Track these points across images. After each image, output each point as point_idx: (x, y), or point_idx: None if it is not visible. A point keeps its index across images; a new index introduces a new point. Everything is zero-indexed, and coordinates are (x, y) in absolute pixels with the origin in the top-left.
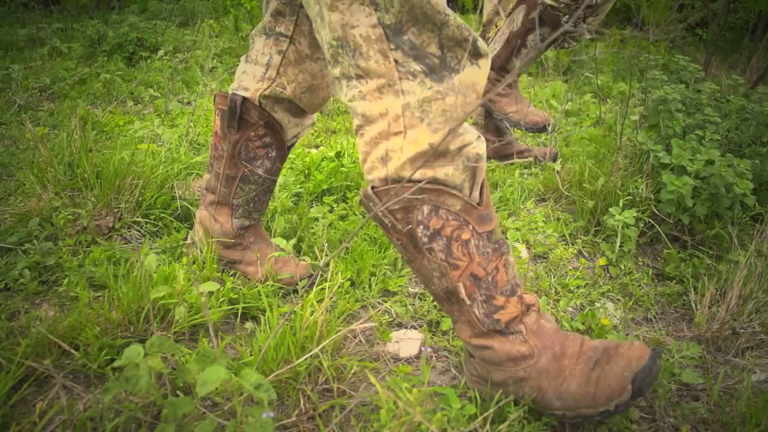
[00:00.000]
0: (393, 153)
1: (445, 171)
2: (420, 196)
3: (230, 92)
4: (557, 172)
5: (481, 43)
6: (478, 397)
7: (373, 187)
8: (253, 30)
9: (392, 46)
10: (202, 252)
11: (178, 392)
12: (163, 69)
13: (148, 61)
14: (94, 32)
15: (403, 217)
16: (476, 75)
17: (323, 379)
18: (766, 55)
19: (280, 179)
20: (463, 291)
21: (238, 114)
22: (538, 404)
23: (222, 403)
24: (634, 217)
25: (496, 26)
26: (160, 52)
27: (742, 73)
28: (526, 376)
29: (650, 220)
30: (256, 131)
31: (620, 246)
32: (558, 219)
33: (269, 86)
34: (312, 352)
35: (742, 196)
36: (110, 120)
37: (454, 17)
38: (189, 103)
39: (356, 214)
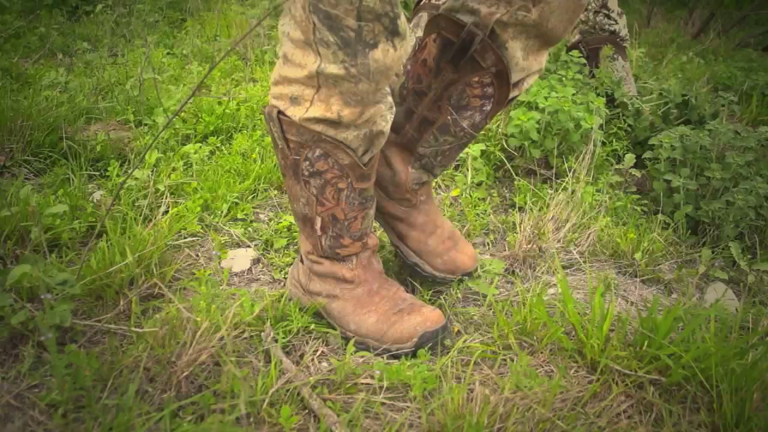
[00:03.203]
0: (303, 101)
1: (346, 135)
2: (316, 141)
3: (446, 13)
4: None
5: (401, 22)
6: (268, 299)
7: (279, 112)
8: None
9: (311, 8)
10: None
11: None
12: (105, 23)
13: (91, 15)
14: None
15: (294, 148)
16: (391, 58)
17: (147, 285)
18: (708, 7)
19: (162, 120)
20: (318, 224)
21: (470, 53)
22: (335, 320)
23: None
24: (482, 150)
25: None
26: (99, 6)
27: (684, 25)
28: (339, 296)
29: (499, 154)
30: (482, 78)
31: (473, 178)
32: None
33: (509, 9)
34: (126, 261)
35: (589, 131)
36: (37, 72)
37: None
38: (123, 55)
39: (226, 153)
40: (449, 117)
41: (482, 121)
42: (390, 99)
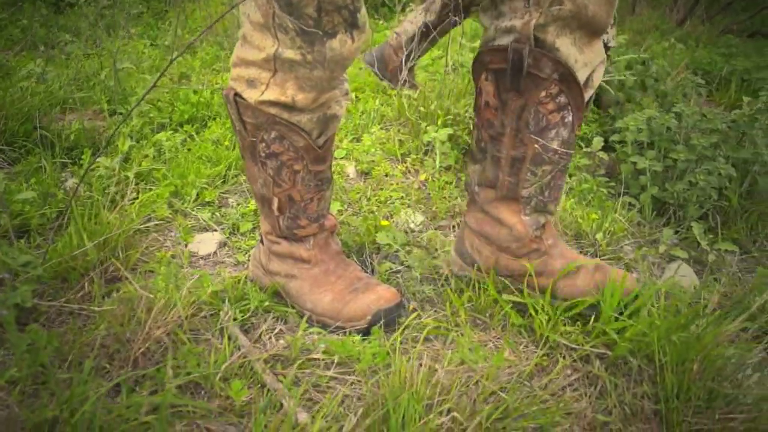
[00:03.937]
0: (259, 84)
1: (300, 118)
2: (271, 123)
3: (484, 48)
4: (408, 96)
5: (361, 15)
6: (228, 280)
7: (236, 94)
8: None
9: None
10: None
11: None
12: (88, 15)
13: (75, 7)
14: None
15: (251, 130)
16: (348, 49)
17: (112, 268)
18: None
19: (135, 109)
20: (276, 204)
21: (525, 69)
22: (292, 299)
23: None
24: (449, 134)
25: None
26: None
27: (669, 12)
28: (296, 275)
29: (467, 138)
30: (548, 90)
31: (441, 162)
32: (400, 140)
33: (541, 10)
34: (87, 247)
35: None
36: (18, 63)
37: None
38: (101, 46)
39: (198, 141)
40: (536, 146)
41: (570, 134)
42: (346, 86)
